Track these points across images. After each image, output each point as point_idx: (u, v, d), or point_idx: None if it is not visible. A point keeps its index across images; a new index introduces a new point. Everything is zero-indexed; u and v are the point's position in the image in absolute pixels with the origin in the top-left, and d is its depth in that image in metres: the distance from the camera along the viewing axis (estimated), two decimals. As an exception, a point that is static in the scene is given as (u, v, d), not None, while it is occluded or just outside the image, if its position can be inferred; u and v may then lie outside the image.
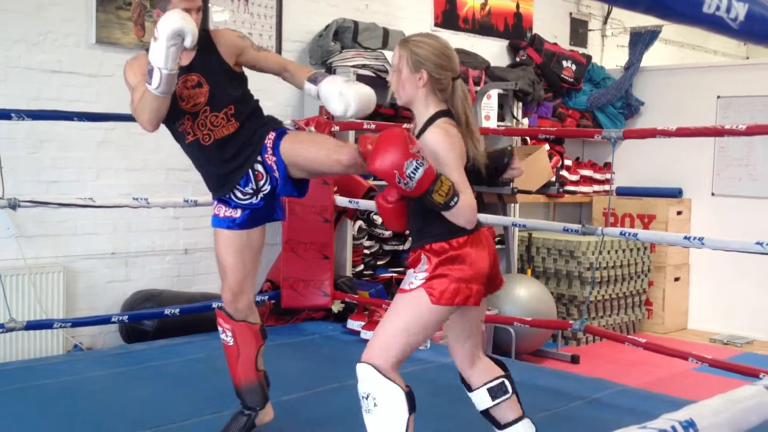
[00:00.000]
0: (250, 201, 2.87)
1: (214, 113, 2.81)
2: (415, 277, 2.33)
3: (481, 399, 2.55)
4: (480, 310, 2.55)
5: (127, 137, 4.65)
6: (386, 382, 2.30)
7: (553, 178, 5.83)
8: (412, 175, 2.18)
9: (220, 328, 2.98)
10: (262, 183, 2.85)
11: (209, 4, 4.99)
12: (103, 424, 3.12)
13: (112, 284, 4.64)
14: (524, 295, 5.56)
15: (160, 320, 4.38)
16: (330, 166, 2.74)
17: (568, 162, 7.14)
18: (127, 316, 4.17)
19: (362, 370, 2.32)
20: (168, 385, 3.71)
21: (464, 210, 2.26)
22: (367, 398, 2.31)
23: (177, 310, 4.27)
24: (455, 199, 2.23)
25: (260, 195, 2.87)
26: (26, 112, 3.74)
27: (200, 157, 2.89)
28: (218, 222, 2.92)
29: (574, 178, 7.15)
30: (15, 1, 4.21)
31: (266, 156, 2.82)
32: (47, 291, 4.25)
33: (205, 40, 2.81)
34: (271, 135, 2.82)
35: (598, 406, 3.56)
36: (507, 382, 2.57)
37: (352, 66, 5.32)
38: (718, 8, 1.05)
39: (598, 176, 7.34)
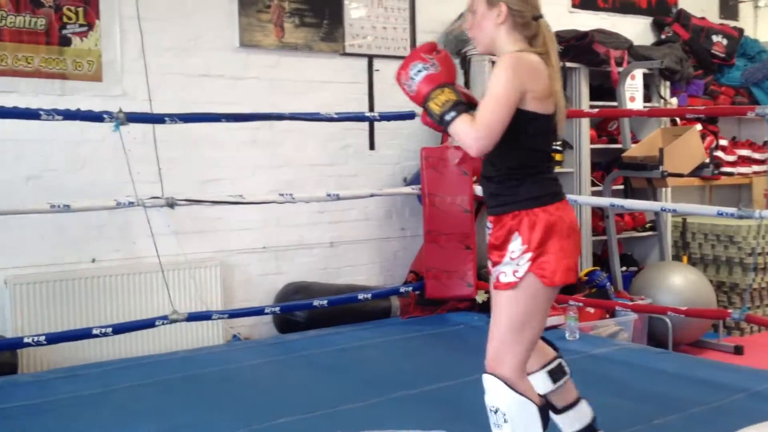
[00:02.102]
0: None
1: None
2: (516, 264, 2.11)
3: (541, 383, 2.36)
4: None
5: (272, 136, 4.81)
6: (516, 396, 2.10)
7: (707, 160, 5.52)
8: (414, 77, 2.08)
9: None
10: None
11: (348, 2, 5.07)
12: (259, 408, 3.24)
13: (265, 277, 4.82)
14: (680, 284, 5.31)
15: (310, 311, 4.51)
16: None
17: (723, 142, 6.74)
18: (278, 308, 4.32)
19: (488, 382, 2.14)
20: (320, 373, 3.81)
21: (459, 130, 2.06)
22: (496, 412, 2.13)
23: (325, 302, 4.38)
24: (452, 114, 2.05)
25: None
26: (178, 115, 3.94)
27: None
28: None
29: (731, 158, 6.74)
30: (164, 10, 4.44)
31: None
32: (206, 284, 4.47)
33: None
34: None
35: (762, 398, 3.34)
36: (563, 362, 2.39)
37: (488, 53, 5.24)
38: None
39: (757, 156, 6.88)
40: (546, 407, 2.17)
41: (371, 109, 5.19)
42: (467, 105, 2.12)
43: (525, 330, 2.12)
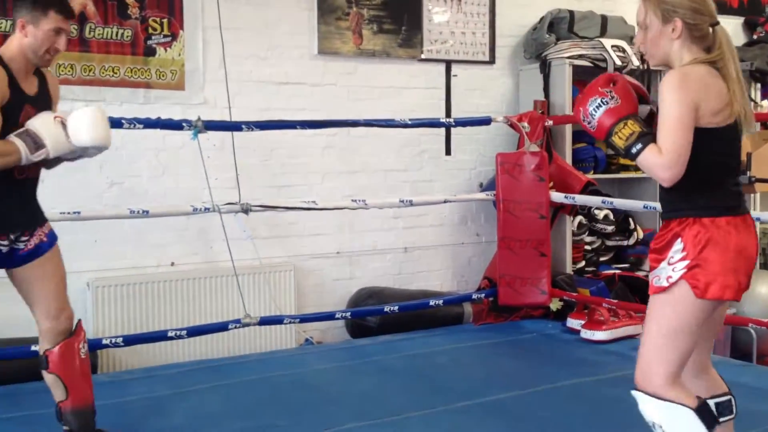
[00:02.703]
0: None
1: None
2: (672, 269, 2.06)
3: None
4: (724, 309, 2.29)
5: (347, 142, 4.87)
6: (667, 406, 2.05)
7: (800, 165, 5.27)
8: (593, 112, 2.09)
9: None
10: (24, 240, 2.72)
11: (428, 8, 5.08)
12: (327, 414, 3.30)
13: (339, 282, 4.88)
14: (767, 293, 5.10)
15: (383, 316, 4.54)
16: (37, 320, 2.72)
17: (819, 146, 6.42)
18: (349, 313, 4.38)
19: (639, 399, 2.11)
20: (388, 379, 3.84)
21: (649, 163, 2.03)
22: (654, 427, 2.10)
23: (396, 308, 4.40)
24: (638, 147, 2.04)
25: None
26: (254, 123, 4.04)
27: (5, 188, 2.65)
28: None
29: (827, 163, 6.41)
30: (245, 19, 4.55)
31: (41, 230, 2.77)
32: (280, 288, 4.56)
33: (41, 72, 2.75)
34: (49, 226, 2.81)
35: None
36: (734, 401, 2.27)
37: (568, 57, 5.16)
38: None
39: None
40: (704, 405, 2.08)
41: (448, 114, 5.19)
42: (652, 134, 2.09)
43: (675, 339, 2.06)
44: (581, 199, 4.69)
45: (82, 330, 2.84)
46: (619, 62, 5.22)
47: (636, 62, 5.33)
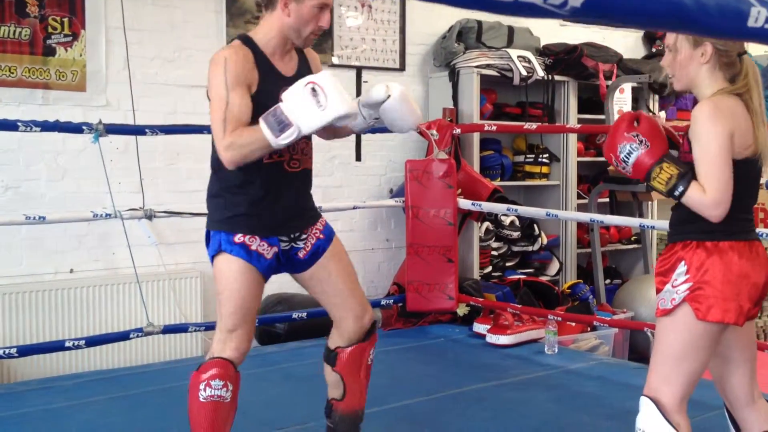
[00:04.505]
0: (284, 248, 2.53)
1: (305, 139, 2.43)
2: (676, 291, 2.06)
3: None
4: (751, 333, 2.25)
5: (256, 146, 4.81)
6: (665, 425, 2.07)
7: (694, 174, 5.51)
8: (626, 159, 2.08)
9: (219, 383, 2.46)
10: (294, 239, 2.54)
11: (338, 13, 5.09)
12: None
13: (247, 288, 4.81)
14: (663, 298, 5.30)
15: (291, 323, 4.51)
16: (336, 318, 2.63)
17: (712, 155, 6.72)
18: (257, 320, 4.32)
19: (644, 405, 2.12)
20: (294, 387, 3.81)
21: (695, 203, 2.04)
22: None
23: (304, 314, 4.38)
24: (680, 189, 2.03)
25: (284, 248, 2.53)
26: (159, 127, 3.95)
27: (277, 183, 2.45)
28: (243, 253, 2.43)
29: (720, 172, 6.72)
30: (150, 20, 4.46)
31: (315, 227, 2.59)
32: (186, 295, 4.48)
33: (300, 51, 2.54)
34: (323, 221, 2.62)
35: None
36: None
37: (476, 66, 5.26)
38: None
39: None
40: None
41: (358, 120, 5.20)
42: (689, 169, 2.07)
43: (682, 362, 2.08)
44: (488, 206, 4.79)
45: (376, 335, 2.70)
46: (524, 72, 5.35)
47: (541, 73, 5.47)
